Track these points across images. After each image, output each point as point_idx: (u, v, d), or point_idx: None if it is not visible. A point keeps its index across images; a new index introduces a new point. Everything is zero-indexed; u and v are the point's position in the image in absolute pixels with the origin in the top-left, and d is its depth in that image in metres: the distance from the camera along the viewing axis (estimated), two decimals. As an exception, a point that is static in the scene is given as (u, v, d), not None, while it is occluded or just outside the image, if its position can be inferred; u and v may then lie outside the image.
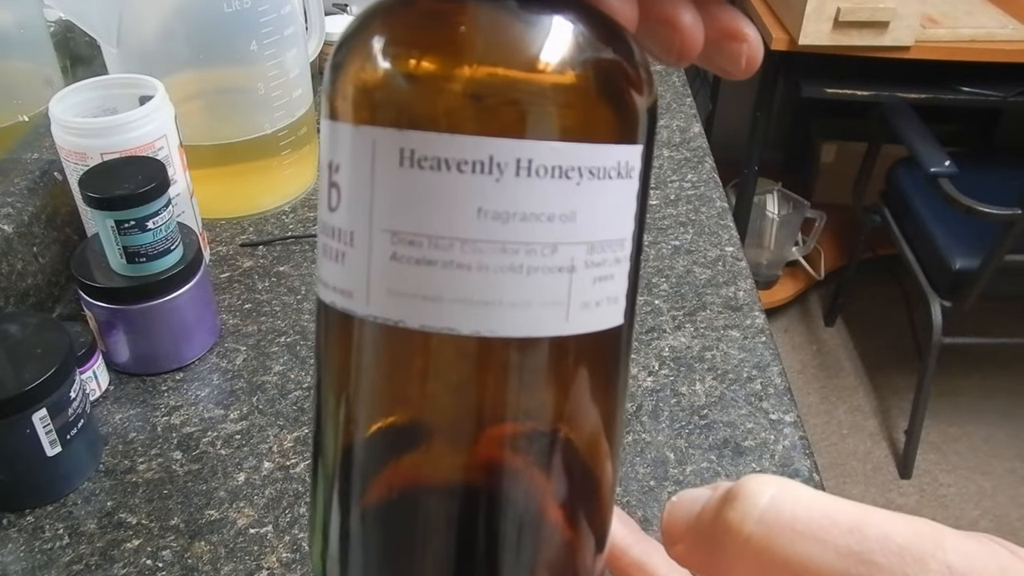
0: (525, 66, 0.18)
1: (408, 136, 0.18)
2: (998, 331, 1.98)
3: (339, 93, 0.19)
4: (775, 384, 0.62)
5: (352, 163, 0.19)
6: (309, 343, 0.65)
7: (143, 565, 0.49)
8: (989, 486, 1.72)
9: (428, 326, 0.18)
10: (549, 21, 0.18)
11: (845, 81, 1.59)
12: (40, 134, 0.73)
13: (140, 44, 0.71)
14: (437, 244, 0.18)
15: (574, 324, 0.19)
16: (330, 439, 0.21)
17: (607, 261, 0.19)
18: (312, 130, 0.84)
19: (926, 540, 0.15)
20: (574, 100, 0.18)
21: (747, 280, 0.73)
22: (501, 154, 0.17)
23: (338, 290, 0.19)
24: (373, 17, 0.19)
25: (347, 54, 0.19)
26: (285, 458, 0.56)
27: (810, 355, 2.02)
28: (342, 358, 0.20)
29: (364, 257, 0.18)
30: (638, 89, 0.19)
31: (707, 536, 0.17)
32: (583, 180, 0.18)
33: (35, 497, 0.52)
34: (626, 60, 0.19)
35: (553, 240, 0.18)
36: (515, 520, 0.20)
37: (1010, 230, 1.38)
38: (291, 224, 0.79)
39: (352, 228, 0.19)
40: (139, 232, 0.57)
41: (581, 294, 0.19)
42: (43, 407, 0.50)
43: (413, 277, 0.18)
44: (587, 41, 0.19)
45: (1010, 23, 1.53)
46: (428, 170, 0.18)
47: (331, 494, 0.21)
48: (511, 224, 0.18)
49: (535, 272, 0.18)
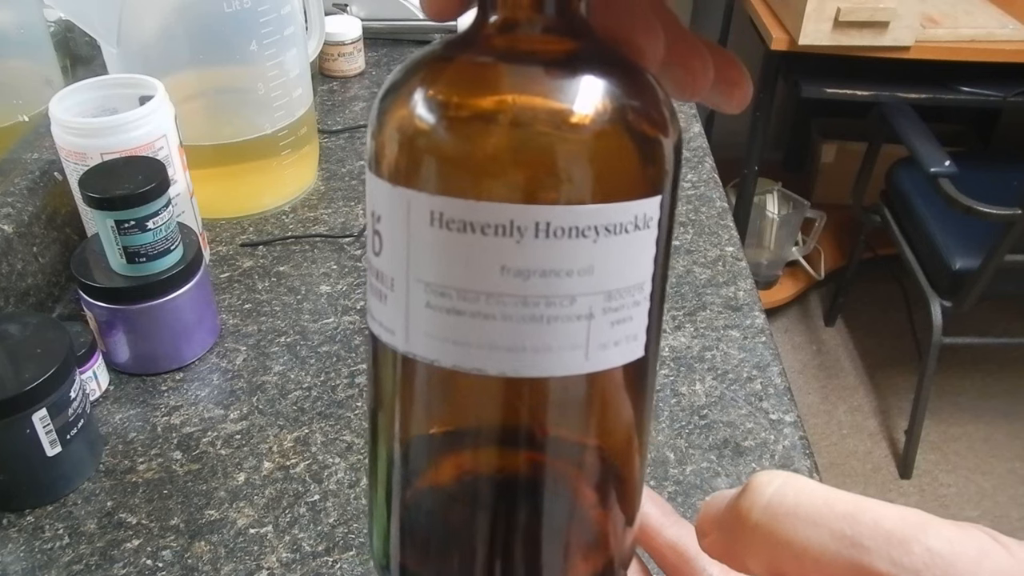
0: (544, 139, 0.19)
1: (437, 201, 0.19)
2: (998, 331, 1.99)
3: (379, 152, 0.21)
4: (775, 384, 0.62)
5: (390, 218, 0.21)
6: (309, 343, 0.65)
7: (143, 565, 0.49)
8: (989, 486, 1.72)
9: (459, 366, 0.20)
10: (569, 91, 0.20)
11: (845, 81, 1.59)
12: (40, 134, 0.73)
13: (140, 44, 0.71)
14: (465, 296, 0.20)
15: (593, 363, 0.20)
16: (382, 445, 0.24)
17: (625, 305, 0.20)
18: (312, 130, 0.84)
19: (911, 526, 0.16)
20: (591, 168, 0.20)
21: (747, 280, 0.73)
22: (521, 219, 0.19)
23: (383, 326, 0.22)
24: (409, 75, 0.21)
25: (385, 111, 0.21)
26: (285, 458, 0.56)
27: (810, 355, 2.02)
28: (389, 380, 0.23)
29: (403, 302, 0.21)
30: (660, 142, 0.21)
31: (726, 527, 0.19)
32: (599, 237, 0.19)
33: (35, 497, 0.52)
34: (648, 117, 0.20)
35: (572, 293, 0.20)
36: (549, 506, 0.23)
37: (1010, 230, 1.38)
38: (291, 224, 0.79)
39: (392, 275, 0.21)
40: (139, 232, 0.57)
41: (599, 337, 0.20)
42: (43, 407, 0.50)
43: (445, 324, 0.20)
44: (608, 108, 0.20)
45: (1010, 23, 1.53)
46: (456, 231, 0.19)
47: (382, 487, 0.24)
48: (531, 280, 0.19)
49: (555, 321, 0.20)
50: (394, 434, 0.23)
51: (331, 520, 0.52)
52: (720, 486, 0.54)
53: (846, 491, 0.18)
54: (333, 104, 1.00)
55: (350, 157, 0.90)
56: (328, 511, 0.52)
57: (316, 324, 0.67)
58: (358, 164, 0.88)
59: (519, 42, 0.21)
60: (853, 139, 2.09)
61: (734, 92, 0.23)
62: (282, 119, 0.77)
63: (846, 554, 0.16)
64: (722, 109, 0.24)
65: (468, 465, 0.23)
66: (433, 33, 1.15)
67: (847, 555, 0.16)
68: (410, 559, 0.24)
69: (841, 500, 0.17)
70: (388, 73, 1.14)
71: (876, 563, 0.16)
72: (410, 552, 0.24)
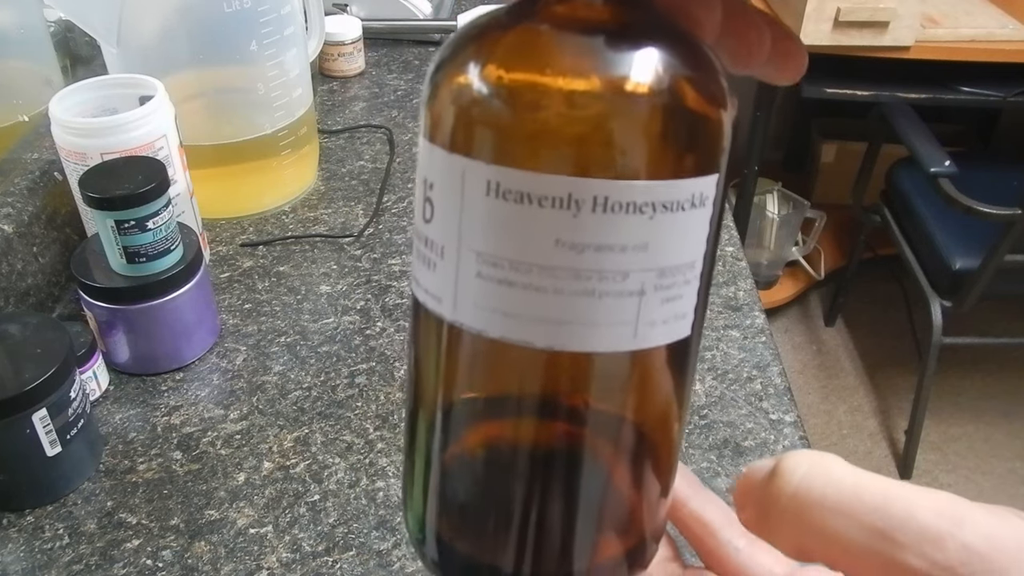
0: (605, 111, 0.19)
1: (494, 170, 0.19)
2: (998, 331, 1.98)
3: (435, 118, 0.21)
4: (775, 384, 0.62)
5: (444, 186, 0.20)
6: (309, 343, 0.65)
7: (143, 565, 0.49)
8: (989, 486, 1.72)
9: (507, 338, 0.20)
10: (631, 62, 0.19)
11: (845, 81, 1.59)
12: (40, 134, 0.73)
13: (140, 44, 0.71)
14: (517, 268, 0.20)
15: (641, 340, 0.20)
16: (422, 413, 0.24)
17: (676, 283, 0.20)
18: (312, 130, 0.84)
19: (946, 519, 0.16)
20: (651, 142, 0.19)
21: (747, 280, 0.73)
22: (579, 192, 0.19)
23: (429, 293, 0.22)
24: (467, 43, 0.21)
25: (442, 80, 0.21)
26: (285, 458, 0.56)
27: (810, 355, 2.02)
28: (432, 348, 0.23)
29: (452, 270, 0.20)
30: (721, 120, 0.20)
31: (760, 506, 0.19)
32: (656, 214, 0.19)
33: (35, 497, 0.52)
34: (710, 95, 0.20)
35: (625, 268, 0.19)
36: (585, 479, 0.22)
37: (1010, 230, 1.38)
38: (291, 224, 0.79)
39: (443, 243, 0.21)
40: (139, 232, 0.57)
41: (649, 314, 0.20)
42: (43, 407, 0.50)
43: (495, 294, 0.20)
44: (670, 84, 0.19)
45: (1010, 23, 1.53)
46: (512, 202, 0.19)
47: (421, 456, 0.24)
48: (586, 254, 0.19)
49: (606, 296, 0.20)
50: (435, 402, 0.23)
51: (331, 520, 0.52)
52: (720, 486, 0.54)
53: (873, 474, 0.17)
54: (333, 104, 1.00)
55: (350, 157, 0.90)
56: (328, 511, 0.52)
57: (316, 324, 0.67)
58: (358, 164, 0.88)
59: (578, 11, 0.21)
60: (853, 139, 2.09)
61: (788, 63, 0.23)
62: (282, 119, 0.77)
63: (877, 547, 0.16)
64: (774, 81, 0.24)
65: (507, 435, 0.23)
66: (433, 33, 1.15)
67: (879, 548, 0.16)
68: (446, 527, 0.24)
69: (871, 489, 0.17)
70: (388, 73, 1.14)
71: (909, 559, 0.16)
72: (446, 519, 0.24)
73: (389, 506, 0.52)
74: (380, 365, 0.63)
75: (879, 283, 2.12)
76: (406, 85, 1.05)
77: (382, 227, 0.78)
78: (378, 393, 0.61)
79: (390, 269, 0.73)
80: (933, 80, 1.58)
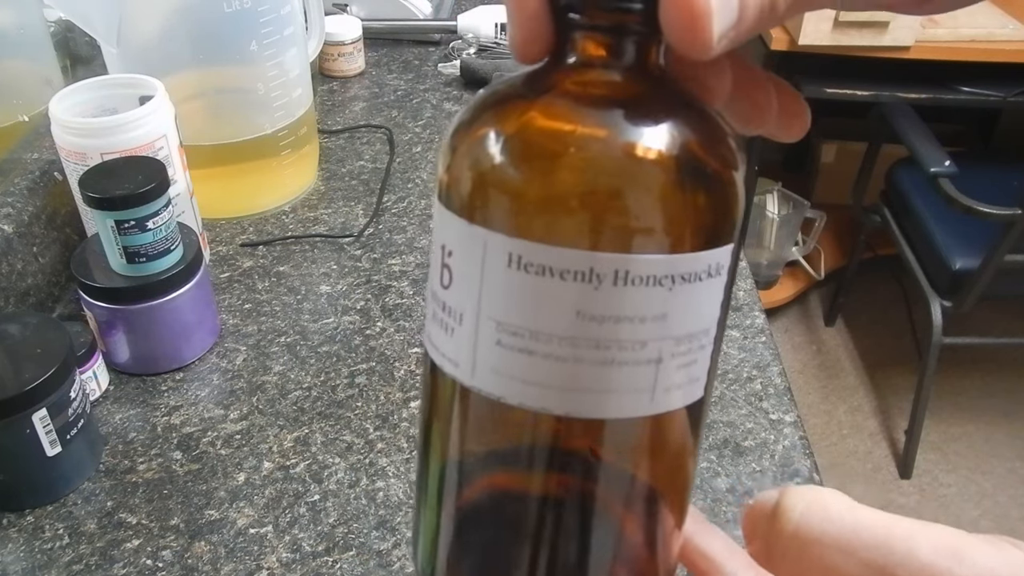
0: (627, 190, 0.20)
1: (516, 243, 0.19)
2: (998, 331, 1.98)
3: (453, 187, 0.21)
4: (775, 384, 0.62)
5: (464, 255, 0.21)
6: (309, 343, 0.65)
7: (143, 565, 0.49)
8: (989, 486, 1.72)
9: (525, 404, 0.21)
10: (651, 138, 0.20)
11: (845, 81, 1.59)
12: (40, 134, 0.73)
13: (140, 44, 0.71)
14: (537, 337, 0.20)
15: (658, 405, 0.21)
16: (434, 463, 0.24)
17: (692, 350, 0.21)
18: (312, 130, 0.84)
19: (944, 555, 0.16)
20: (671, 216, 0.20)
21: (747, 280, 0.73)
22: (601, 266, 0.19)
23: (446, 357, 0.22)
24: (486, 112, 0.21)
25: (461, 147, 0.21)
26: (285, 458, 0.56)
27: (810, 355, 2.02)
28: (446, 406, 0.23)
29: (471, 337, 0.21)
30: (736, 196, 0.21)
31: (765, 540, 0.19)
32: (675, 286, 0.20)
33: (35, 497, 0.52)
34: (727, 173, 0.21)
35: (644, 338, 0.20)
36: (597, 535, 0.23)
37: (1010, 230, 1.38)
38: (291, 224, 0.79)
39: (462, 310, 0.21)
40: (139, 232, 0.57)
41: (665, 380, 0.21)
42: (43, 407, 0.50)
43: (515, 363, 0.20)
44: (689, 156, 0.20)
45: (1010, 23, 1.53)
46: (533, 274, 0.19)
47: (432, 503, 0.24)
48: (606, 325, 0.20)
49: (625, 365, 0.20)
50: (449, 455, 0.24)
51: (331, 520, 0.52)
52: (720, 486, 0.54)
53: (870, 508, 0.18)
54: (333, 104, 1.00)
55: (350, 157, 0.90)
56: (328, 511, 0.52)
57: (316, 324, 0.67)
58: (358, 164, 0.88)
59: (594, 84, 0.21)
60: (853, 139, 2.09)
61: (794, 123, 0.24)
62: (282, 119, 0.77)
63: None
64: (780, 139, 0.24)
65: (520, 492, 0.23)
66: (433, 33, 1.15)
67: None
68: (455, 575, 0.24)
69: (869, 525, 0.17)
70: (388, 73, 1.14)
71: None
72: (456, 570, 0.24)
73: (389, 506, 0.53)
74: (380, 365, 0.63)
75: (879, 283, 2.12)
76: (406, 85, 1.05)
77: (382, 227, 0.78)
78: (378, 393, 0.61)
79: (390, 269, 0.73)
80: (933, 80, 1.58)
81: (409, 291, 0.70)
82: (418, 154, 0.90)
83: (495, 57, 1.04)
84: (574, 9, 0.20)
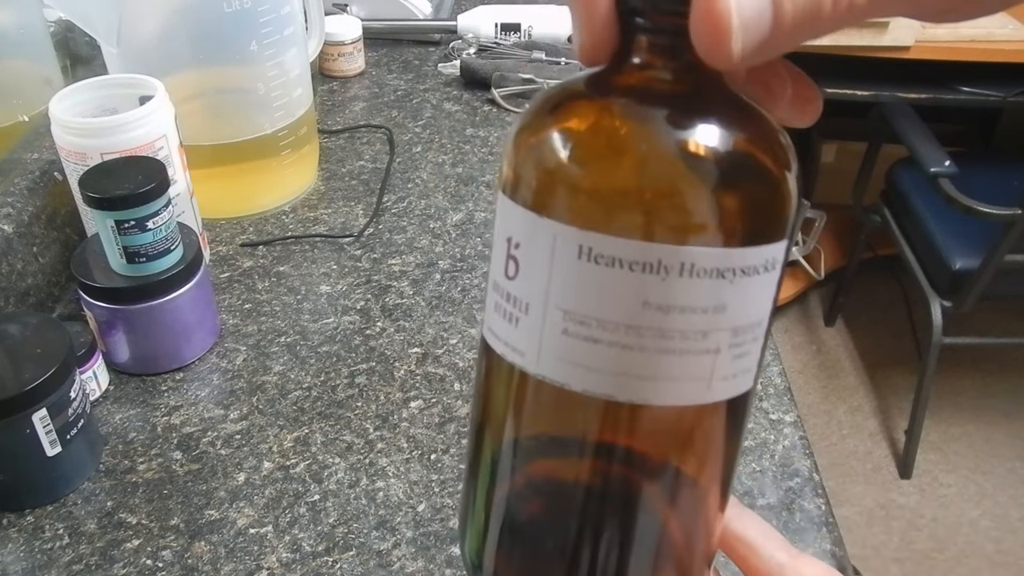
0: (699, 186, 0.21)
1: (588, 236, 0.20)
2: (998, 331, 1.98)
3: (520, 178, 0.22)
4: (775, 384, 0.62)
5: (532, 247, 0.21)
6: (309, 343, 0.65)
7: (143, 565, 0.49)
8: (989, 486, 1.72)
9: (589, 391, 0.21)
10: (721, 141, 0.21)
11: (845, 81, 1.59)
12: (40, 134, 0.73)
13: (140, 44, 0.71)
14: (604, 326, 0.21)
15: (714, 394, 0.22)
16: (487, 452, 0.25)
17: (746, 341, 0.22)
18: (312, 130, 0.84)
19: None
20: (738, 214, 0.21)
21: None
22: (668, 258, 0.20)
23: (509, 346, 0.23)
24: (555, 109, 0.22)
25: (530, 142, 0.22)
26: (285, 458, 0.56)
27: (810, 355, 2.02)
28: (503, 395, 0.24)
29: (538, 327, 0.22)
30: (790, 188, 0.22)
31: None
32: (735, 278, 0.21)
33: (35, 497, 0.52)
34: (786, 170, 0.22)
35: (705, 328, 0.21)
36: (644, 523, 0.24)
37: (1010, 230, 1.38)
38: (291, 224, 0.79)
39: (528, 300, 0.22)
40: (139, 232, 0.57)
41: (722, 370, 0.22)
42: (43, 407, 0.50)
43: (580, 350, 0.21)
44: (757, 161, 0.21)
45: (1010, 23, 1.53)
46: (603, 266, 0.20)
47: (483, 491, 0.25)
48: (671, 315, 0.21)
49: (687, 354, 0.21)
50: (504, 444, 0.24)
51: (331, 520, 0.52)
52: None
53: None
54: (333, 104, 1.00)
55: (350, 157, 0.90)
56: (328, 511, 0.52)
57: (316, 324, 0.67)
58: (358, 164, 0.88)
59: (655, 83, 0.22)
60: (853, 139, 2.09)
61: (807, 108, 0.24)
62: (282, 119, 0.77)
63: None
64: (792, 124, 0.25)
65: (573, 477, 0.24)
66: (433, 33, 1.15)
67: None
68: (504, 563, 0.25)
69: None
70: (388, 73, 1.14)
71: None
72: (505, 557, 0.25)
73: (389, 506, 0.53)
74: (380, 365, 0.63)
75: (879, 283, 2.12)
76: (406, 85, 1.05)
77: (382, 227, 0.78)
78: (378, 393, 0.61)
79: (390, 269, 0.73)
80: (933, 80, 1.58)
81: (409, 291, 0.70)
82: (418, 154, 0.90)
83: (495, 57, 1.04)
84: (638, 13, 0.21)
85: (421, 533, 0.51)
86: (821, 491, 0.54)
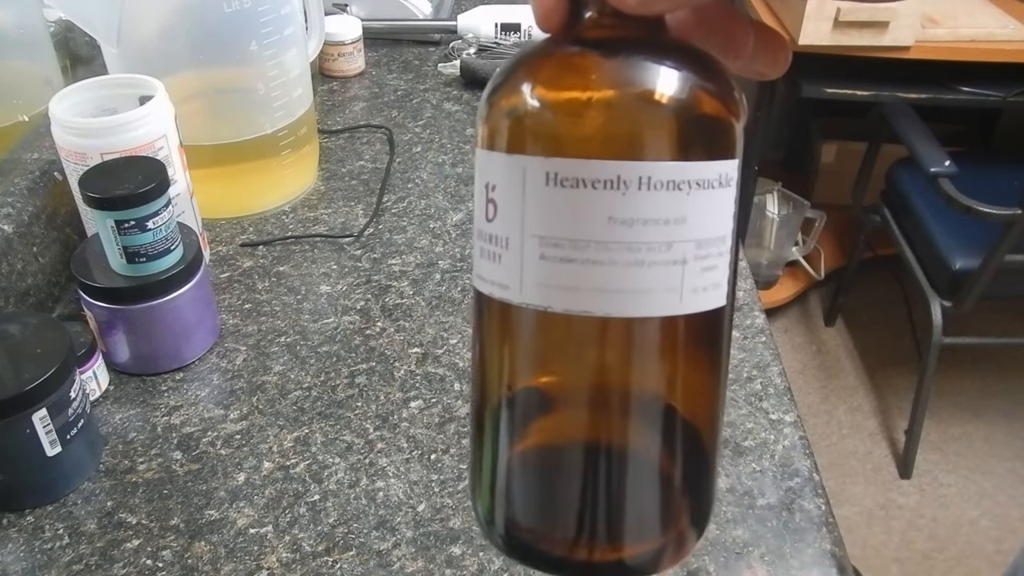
0: (644, 104, 0.23)
1: (552, 162, 0.23)
2: (998, 331, 1.99)
3: (493, 129, 0.24)
4: (775, 384, 0.62)
5: (506, 183, 0.24)
6: (309, 343, 0.65)
7: (143, 565, 0.49)
8: (989, 486, 1.72)
9: (569, 310, 0.23)
10: (661, 66, 0.23)
11: (845, 81, 1.59)
12: (40, 134, 0.73)
13: (140, 44, 0.71)
14: (576, 245, 0.23)
15: (686, 305, 0.23)
16: (489, 400, 0.26)
17: (712, 255, 0.23)
18: (312, 130, 0.84)
19: None
20: (684, 129, 0.23)
21: (747, 280, 0.73)
22: (627, 174, 0.22)
23: (495, 284, 0.24)
24: (517, 67, 0.25)
25: (499, 98, 0.25)
26: (285, 458, 0.56)
27: (810, 355, 2.02)
28: (500, 336, 0.26)
29: (517, 257, 0.23)
30: (736, 114, 0.24)
31: None
32: (692, 191, 0.23)
33: (35, 497, 0.52)
34: (725, 92, 0.24)
35: (668, 239, 0.23)
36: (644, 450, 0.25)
37: (1010, 230, 1.38)
38: (291, 224, 0.79)
39: (507, 235, 0.24)
40: (139, 232, 0.57)
41: (691, 281, 0.23)
42: (43, 407, 0.50)
43: (557, 272, 0.23)
44: (694, 81, 0.23)
45: (1010, 23, 1.53)
46: (568, 188, 0.22)
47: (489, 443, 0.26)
48: (635, 228, 0.22)
49: (654, 265, 0.23)
50: (502, 387, 0.26)
51: (331, 520, 0.52)
52: (720, 486, 0.54)
53: None
54: (333, 104, 1.00)
55: (350, 157, 0.90)
56: (328, 511, 0.52)
57: (316, 324, 0.67)
58: (358, 164, 0.88)
59: (607, 32, 0.24)
60: (853, 139, 2.09)
61: (778, 57, 0.26)
62: (282, 119, 0.77)
63: None
64: (765, 76, 0.26)
65: (569, 413, 0.26)
66: (433, 33, 1.15)
67: None
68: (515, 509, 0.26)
69: None
70: (388, 73, 1.14)
71: None
72: (516, 503, 0.26)
73: (389, 506, 0.53)
74: (380, 365, 0.63)
75: (879, 283, 2.12)
76: (406, 85, 1.05)
77: (382, 227, 0.78)
78: (378, 393, 0.61)
79: (390, 269, 0.73)
80: (933, 80, 1.58)
81: (409, 291, 0.70)
82: (418, 154, 0.90)
83: (495, 57, 1.04)
84: None
85: (421, 533, 0.51)
86: (821, 491, 0.54)
